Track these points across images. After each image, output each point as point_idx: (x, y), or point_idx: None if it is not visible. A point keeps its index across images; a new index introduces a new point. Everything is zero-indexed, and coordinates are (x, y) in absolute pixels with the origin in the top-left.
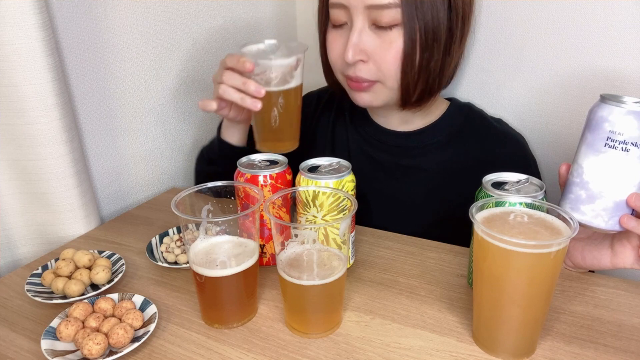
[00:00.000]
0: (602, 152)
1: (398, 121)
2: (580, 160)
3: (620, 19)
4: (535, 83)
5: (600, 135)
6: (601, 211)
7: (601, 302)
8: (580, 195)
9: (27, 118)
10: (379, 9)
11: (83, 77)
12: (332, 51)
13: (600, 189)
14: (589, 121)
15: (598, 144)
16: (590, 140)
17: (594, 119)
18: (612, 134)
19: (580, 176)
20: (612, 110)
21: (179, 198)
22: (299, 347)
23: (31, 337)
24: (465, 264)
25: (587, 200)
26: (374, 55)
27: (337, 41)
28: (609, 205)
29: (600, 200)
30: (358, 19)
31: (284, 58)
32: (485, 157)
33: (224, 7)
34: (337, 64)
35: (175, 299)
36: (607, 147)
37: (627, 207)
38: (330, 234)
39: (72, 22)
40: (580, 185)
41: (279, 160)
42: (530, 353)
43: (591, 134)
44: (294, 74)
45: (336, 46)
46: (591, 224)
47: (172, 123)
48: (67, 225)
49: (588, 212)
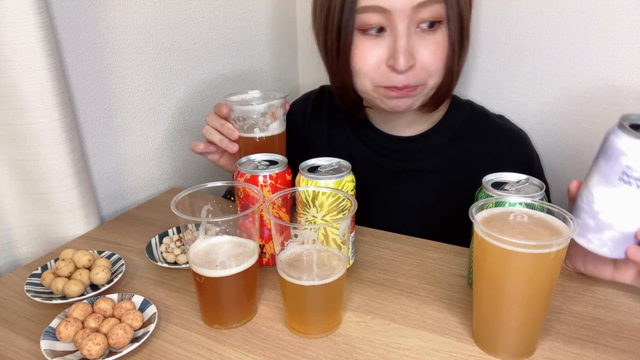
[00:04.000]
0: (616, 186)
1: (404, 125)
2: (591, 186)
3: (620, 19)
4: (535, 83)
5: (615, 168)
6: (608, 241)
7: (601, 302)
8: (589, 224)
9: (27, 118)
10: (424, 6)
11: (83, 77)
12: (367, 61)
13: (610, 221)
14: (605, 148)
15: (612, 177)
16: (605, 170)
17: (610, 149)
18: (628, 169)
19: (590, 204)
20: (631, 144)
21: (178, 198)
22: (299, 347)
23: (31, 337)
24: (465, 264)
25: (595, 230)
26: (421, 59)
27: (373, 50)
28: (617, 236)
29: (609, 231)
30: (403, 22)
31: (257, 104)
32: (489, 154)
33: (224, 7)
34: (374, 75)
35: (175, 299)
36: (621, 181)
37: (635, 238)
38: (330, 234)
39: (72, 22)
40: (589, 213)
41: (278, 160)
42: (530, 353)
43: (606, 163)
44: (272, 121)
45: (372, 55)
46: (596, 251)
47: (172, 123)
48: (67, 225)
49: (595, 240)
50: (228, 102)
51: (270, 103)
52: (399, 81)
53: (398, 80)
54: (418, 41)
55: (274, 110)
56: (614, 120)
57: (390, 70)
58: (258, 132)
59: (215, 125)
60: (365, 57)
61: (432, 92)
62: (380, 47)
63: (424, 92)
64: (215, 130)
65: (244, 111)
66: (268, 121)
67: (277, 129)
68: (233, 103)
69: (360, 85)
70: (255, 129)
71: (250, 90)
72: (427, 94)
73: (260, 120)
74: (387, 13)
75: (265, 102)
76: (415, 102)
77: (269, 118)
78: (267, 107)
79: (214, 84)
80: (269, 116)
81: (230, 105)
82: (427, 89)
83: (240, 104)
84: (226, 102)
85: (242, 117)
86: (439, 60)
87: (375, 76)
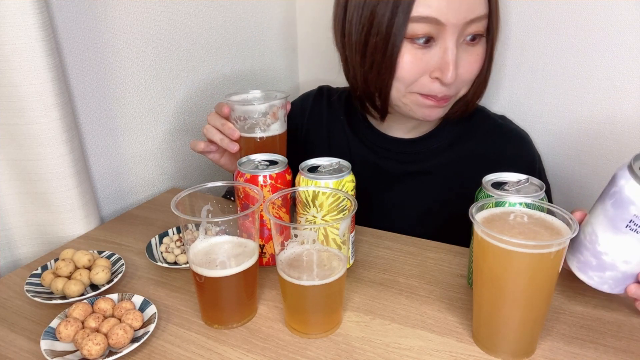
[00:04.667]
0: (623, 233)
1: (406, 127)
2: (595, 225)
3: (620, 19)
4: (535, 83)
5: (623, 215)
6: (609, 280)
7: (601, 302)
8: (591, 261)
9: (27, 118)
10: (475, 22)
11: (83, 77)
12: (414, 70)
13: (613, 263)
14: (613, 192)
15: (619, 223)
16: (612, 215)
17: (619, 195)
18: (637, 218)
19: (594, 244)
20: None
21: (178, 198)
22: (299, 347)
23: (31, 337)
24: (465, 264)
25: (597, 268)
26: (461, 70)
27: (421, 60)
28: (619, 276)
29: (611, 272)
30: (453, 36)
31: (258, 104)
32: (490, 156)
33: (224, 7)
34: (416, 84)
35: (175, 299)
36: (628, 228)
37: (635, 278)
38: (330, 234)
39: (72, 22)
40: (591, 252)
41: (278, 160)
42: (530, 353)
43: (613, 208)
44: (272, 122)
45: (420, 65)
46: (597, 287)
47: (172, 123)
48: (67, 225)
49: (595, 278)
50: (229, 101)
51: (271, 103)
52: (440, 91)
53: (439, 91)
54: (463, 54)
55: (275, 110)
56: (614, 120)
57: (433, 81)
58: (259, 132)
59: (216, 125)
60: (412, 67)
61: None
62: (427, 58)
63: (453, 101)
64: (216, 129)
65: (245, 111)
66: (269, 121)
67: (278, 129)
68: (234, 102)
69: (395, 90)
70: (256, 129)
71: (252, 90)
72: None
73: (261, 120)
74: (441, 26)
75: (267, 102)
76: (444, 112)
77: (270, 118)
78: (269, 107)
79: (214, 83)
80: (270, 116)
81: (232, 105)
82: (456, 97)
83: (241, 104)
84: (227, 101)
85: (243, 116)
86: (475, 72)
87: (416, 86)
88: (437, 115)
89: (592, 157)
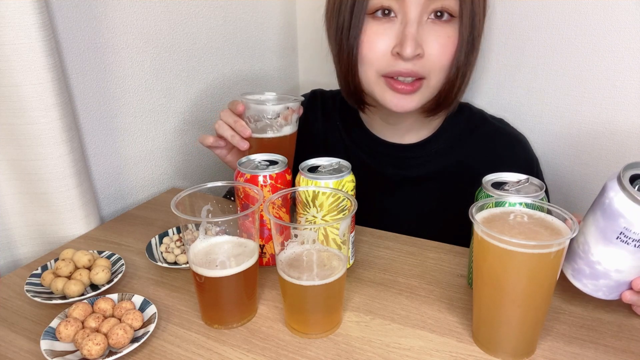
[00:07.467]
0: (614, 244)
1: (403, 132)
2: (587, 235)
3: (620, 19)
4: (535, 83)
5: (613, 227)
6: (603, 287)
7: (601, 302)
8: (584, 270)
9: (27, 118)
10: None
11: (83, 77)
12: (375, 46)
13: (606, 272)
14: (603, 203)
15: (610, 235)
16: (602, 226)
17: (609, 207)
18: (626, 230)
19: (586, 253)
20: (629, 207)
21: (178, 198)
22: (299, 347)
23: (30, 337)
24: (465, 264)
25: (591, 277)
26: (429, 50)
27: (382, 35)
28: (612, 284)
29: (605, 280)
30: (415, 10)
31: (273, 105)
32: (489, 159)
33: (224, 7)
34: (380, 62)
35: (175, 299)
36: (619, 240)
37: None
38: (330, 234)
39: (72, 22)
40: (584, 261)
41: (278, 160)
42: (530, 353)
43: (603, 219)
44: (285, 124)
45: (380, 42)
46: (591, 294)
47: (172, 123)
48: (67, 225)
49: (590, 285)
50: (245, 99)
51: (286, 105)
52: (404, 67)
53: (404, 67)
54: (428, 32)
55: (289, 113)
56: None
57: (396, 58)
58: (270, 133)
59: (228, 121)
60: (372, 43)
61: (434, 92)
62: (388, 34)
63: (427, 92)
64: (228, 125)
65: (260, 110)
66: (281, 123)
67: (288, 132)
68: (250, 101)
69: (364, 75)
70: (268, 130)
71: (267, 92)
72: (431, 94)
73: (274, 121)
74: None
75: (282, 103)
76: (419, 102)
77: (282, 120)
78: (283, 109)
79: (214, 83)
80: (283, 118)
81: (247, 103)
82: (430, 88)
83: (256, 103)
84: (243, 99)
85: (256, 116)
86: (447, 55)
87: (380, 64)
88: (409, 105)
89: (592, 158)
